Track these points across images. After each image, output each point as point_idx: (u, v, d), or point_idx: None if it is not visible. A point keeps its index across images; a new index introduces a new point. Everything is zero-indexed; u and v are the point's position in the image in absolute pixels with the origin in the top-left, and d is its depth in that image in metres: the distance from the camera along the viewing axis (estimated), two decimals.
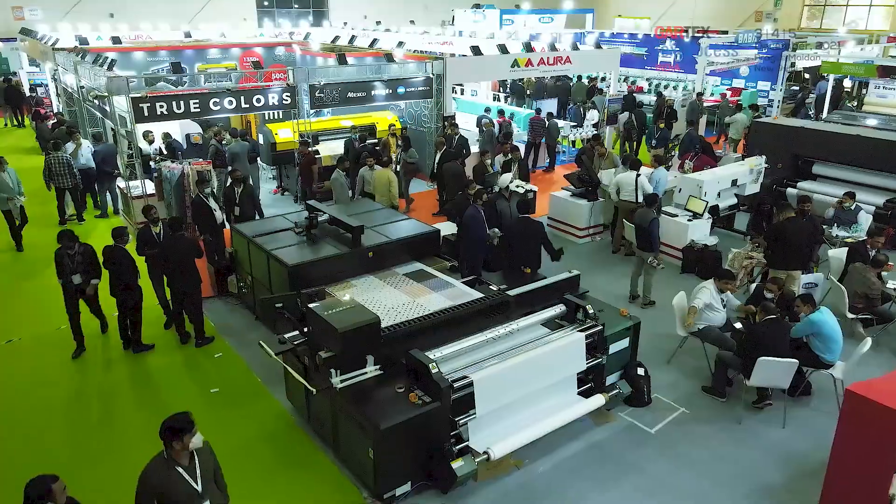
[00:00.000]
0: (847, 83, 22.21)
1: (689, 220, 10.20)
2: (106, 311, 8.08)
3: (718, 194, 10.80)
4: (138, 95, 10.51)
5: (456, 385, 5.46)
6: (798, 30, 32.95)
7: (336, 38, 18.69)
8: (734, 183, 11.10)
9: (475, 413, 5.57)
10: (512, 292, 6.74)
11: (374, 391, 5.52)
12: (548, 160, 16.35)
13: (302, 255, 7.64)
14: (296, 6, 35.31)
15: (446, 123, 13.27)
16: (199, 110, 11.17)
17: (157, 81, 12.49)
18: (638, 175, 10.21)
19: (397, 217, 9.05)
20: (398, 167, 12.30)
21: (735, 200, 11.19)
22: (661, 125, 15.08)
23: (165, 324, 8.37)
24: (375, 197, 10.88)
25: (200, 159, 11.82)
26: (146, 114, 10.65)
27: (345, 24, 30.34)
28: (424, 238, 8.38)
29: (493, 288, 7.46)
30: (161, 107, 10.77)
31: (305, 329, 6.00)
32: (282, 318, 6.17)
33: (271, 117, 13.97)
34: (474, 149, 13.97)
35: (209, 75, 16.37)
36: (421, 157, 13.14)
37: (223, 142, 12.65)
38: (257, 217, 10.03)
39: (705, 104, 19.42)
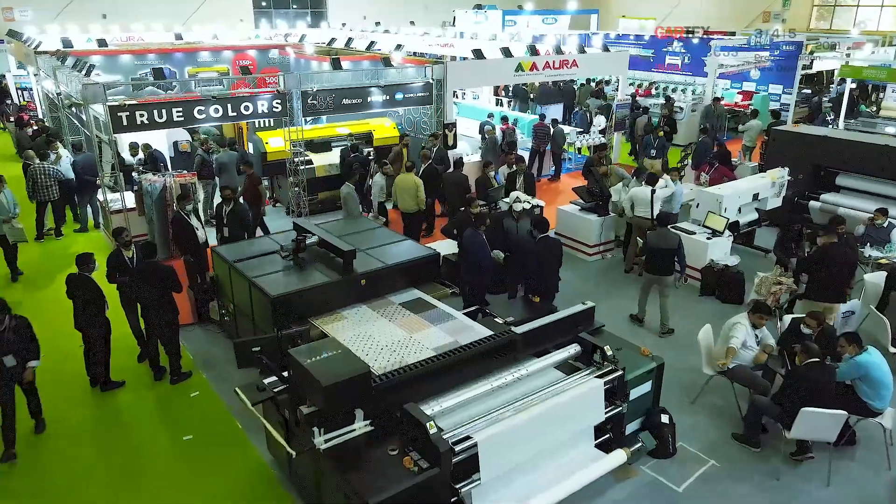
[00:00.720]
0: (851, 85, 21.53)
1: (707, 239, 9.47)
2: (70, 344, 7.35)
3: (739, 209, 10.06)
4: (116, 104, 9.78)
5: (457, 448, 4.72)
6: (807, 31, 32.21)
7: (332, 40, 17.96)
8: (755, 197, 10.36)
9: (479, 479, 4.84)
10: (519, 329, 6.01)
11: (363, 453, 4.79)
12: (553, 168, 15.63)
13: (287, 284, 6.91)
14: (294, 7, 34.60)
15: (428, 135, 12.64)
16: (182, 119, 10.44)
17: (144, 86, 11.81)
18: (653, 190, 9.47)
19: (393, 238, 8.31)
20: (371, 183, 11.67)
21: (756, 215, 10.44)
22: (661, 133, 14.27)
23: (139, 356, 7.64)
24: (398, 203, 10.29)
25: (185, 171, 11.12)
26: (125, 123, 9.93)
27: (343, 25, 29.66)
28: (423, 262, 7.64)
29: (499, 321, 6.75)
30: (141, 116, 10.04)
31: (287, 375, 5.27)
32: (260, 364, 5.44)
33: (262, 125, 13.24)
34: (470, 159, 13.23)
35: (199, 80, 15.74)
36: (418, 168, 12.38)
37: (210, 151, 11.93)
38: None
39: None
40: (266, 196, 11.12)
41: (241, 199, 9.90)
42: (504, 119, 14.82)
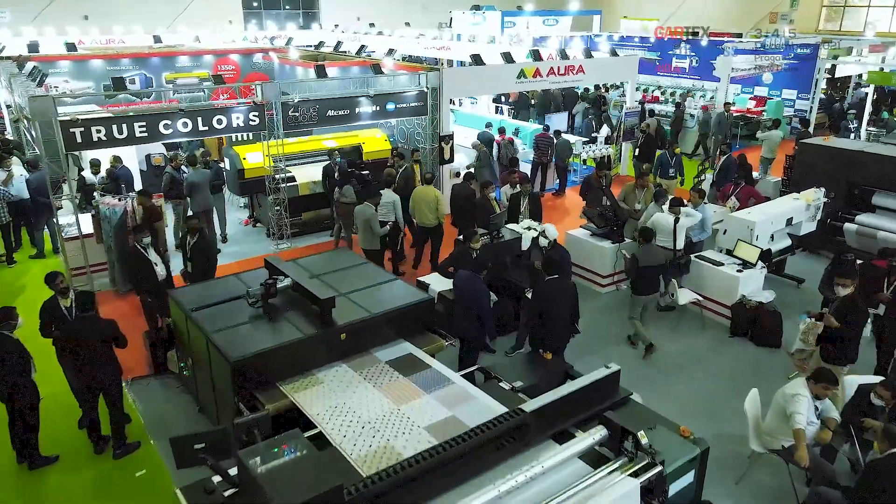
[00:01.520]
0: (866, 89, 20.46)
1: (738, 271, 8.35)
2: None
3: (772, 237, 8.96)
4: (68, 118, 8.63)
5: None
6: (816, 32, 31.18)
7: (320, 43, 16.82)
8: (789, 222, 9.25)
9: None
10: (532, 404, 4.88)
11: None
12: (557, 182, 14.52)
13: (252, 342, 5.77)
14: (287, 7, 33.44)
15: (394, 154, 11.60)
16: (145, 135, 9.30)
17: (110, 96, 10.68)
18: (677, 219, 8.35)
19: (380, 277, 7.16)
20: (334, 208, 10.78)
21: (788, 242, 9.34)
22: (677, 150, 13.04)
23: (80, 420, 6.49)
24: (417, 217, 9.76)
25: (156, 192, 9.98)
26: (79, 140, 8.79)
27: (336, 26, 28.54)
28: (415, 309, 6.51)
29: (505, 386, 5.65)
30: (98, 131, 8.90)
31: (239, 481, 4.15)
32: (205, 464, 4.29)
33: (240, 139, 12.09)
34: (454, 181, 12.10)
35: (178, 87, 14.55)
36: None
37: (180, 168, 10.79)
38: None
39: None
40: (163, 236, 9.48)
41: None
42: (502, 130, 13.67)
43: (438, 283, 8.08)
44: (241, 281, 6.97)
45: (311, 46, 17.05)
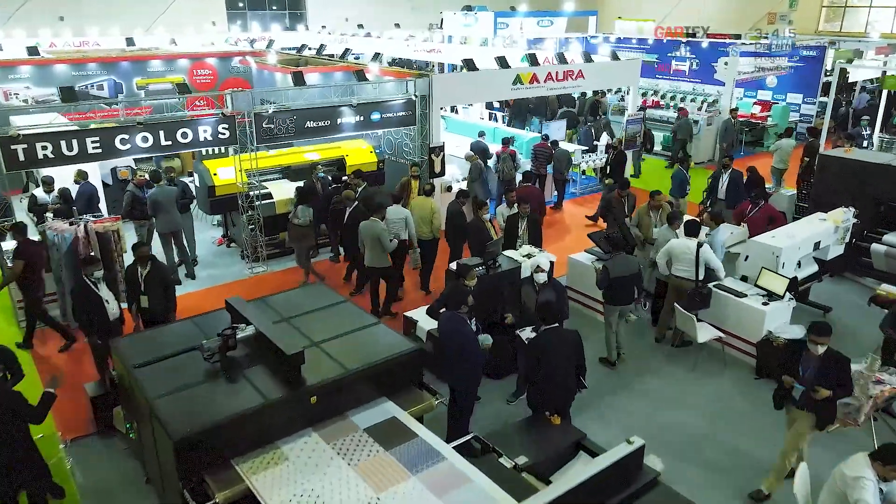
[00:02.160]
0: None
1: (763, 304, 7.45)
2: None
3: (798, 264, 8.07)
4: (7, 135, 7.64)
5: None
6: (815, 33, 30.47)
7: (302, 46, 15.83)
8: (816, 246, 8.37)
9: None
10: (540, 499, 3.96)
11: None
12: (555, 194, 13.60)
13: (203, 411, 4.79)
14: (274, 7, 32.41)
15: (350, 174, 10.37)
16: (99, 151, 8.34)
17: (59, 108, 9.67)
18: (700, 245, 7.44)
19: (360, 320, 6.19)
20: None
21: (815, 267, 8.46)
22: (692, 164, 12.09)
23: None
24: (414, 228, 9.02)
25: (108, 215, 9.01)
26: (22, 158, 7.82)
27: (323, 27, 27.54)
28: (399, 362, 5.56)
29: (505, 463, 4.73)
30: (44, 148, 7.94)
31: None
32: None
33: (213, 153, 11.11)
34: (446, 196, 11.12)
35: (150, 93, 13.62)
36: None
37: (143, 186, 9.80)
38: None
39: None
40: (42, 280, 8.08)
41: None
42: (505, 141, 12.67)
43: (428, 320, 7.15)
44: (197, 326, 6.00)
45: (294, 49, 16.07)
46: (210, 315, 6.24)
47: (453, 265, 8.02)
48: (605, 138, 14.95)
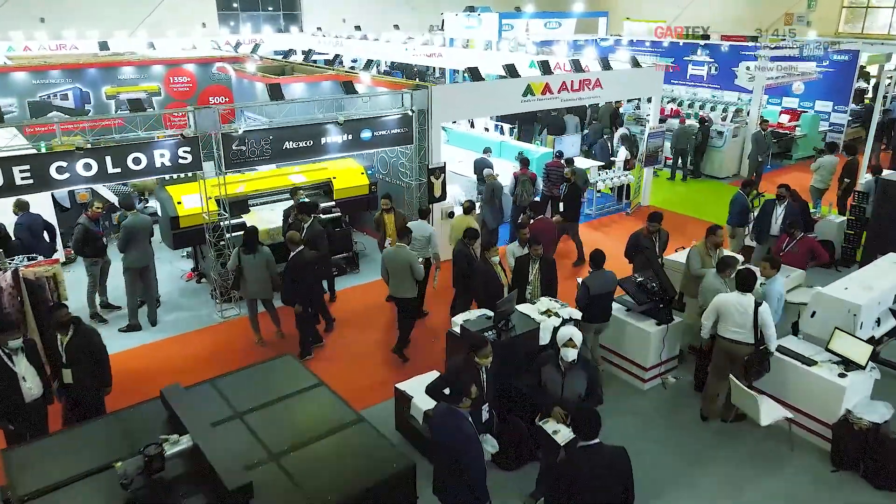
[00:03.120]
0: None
1: (840, 376, 6.02)
2: None
3: (878, 321, 6.65)
4: None
5: None
6: (835, 35, 29.02)
7: (289, 51, 14.39)
8: None
9: None
10: None
11: None
12: None
13: None
14: (270, 9, 31.01)
15: (294, 208, 8.65)
16: (30, 182, 6.93)
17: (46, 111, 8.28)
18: (759, 303, 6.01)
19: (336, 415, 4.76)
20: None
21: (894, 321, 7.02)
22: (753, 197, 9.96)
23: None
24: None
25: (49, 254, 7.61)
26: None
27: (318, 29, 26.17)
28: (385, 488, 4.14)
29: None
30: None
31: None
32: None
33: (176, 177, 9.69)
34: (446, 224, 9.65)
35: (120, 103, 12.20)
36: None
37: (99, 219, 8.41)
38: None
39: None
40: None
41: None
42: (524, 161, 11.09)
43: (427, 398, 5.73)
44: (123, 425, 4.59)
45: (283, 54, 14.65)
46: (143, 407, 4.82)
47: (457, 319, 6.66)
48: (622, 153, 13.53)
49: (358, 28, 25.73)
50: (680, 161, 15.48)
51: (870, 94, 19.74)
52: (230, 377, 5.23)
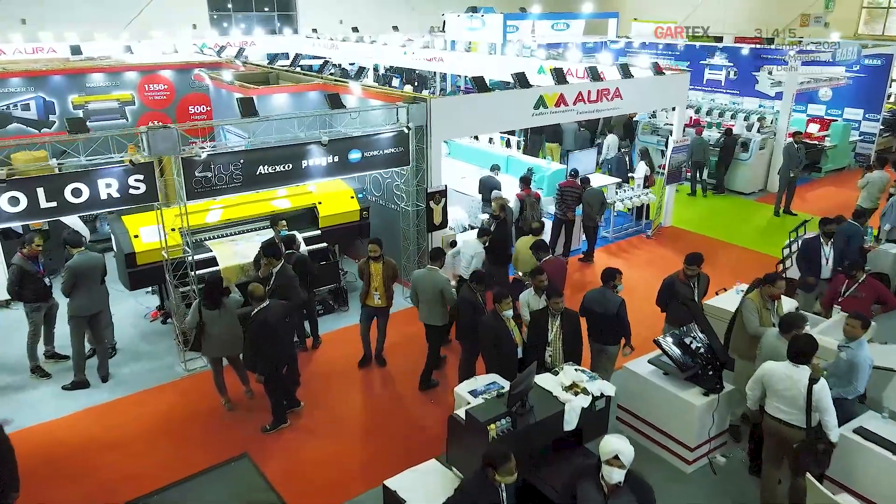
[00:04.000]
0: None
1: None
2: None
3: None
4: None
5: None
6: (855, 36, 27.74)
7: (275, 56, 13.15)
8: None
9: None
10: None
11: None
12: (584, 241, 10.93)
13: None
14: (266, 9, 29.79)
15: (262, 252, 7.17)
16: None
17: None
18: (816, 380, 4.74)
19: None
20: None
21: None
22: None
23: None
24: (520, 266, 7.95)
25: None
26: None
27: (313, 30, 24.96)
28: None
29: None
30: None
31: None
32: None
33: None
34: (466, 239, 8.31)
35: (89, 112, 11.01)
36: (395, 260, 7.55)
37: (37, 258, 7.15)
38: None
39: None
40: None
41: None
42: (527, 180, 9.91)
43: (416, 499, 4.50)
44: None
45: (264, 61, 13.39)
46: None
47: (460, 390, 5.44)
48: (641, 168, 12.27)
49: (355, 30, 24.50)
50: (697, 174, 14.24)
51: (892, 100, 18.53)
52: (174, 490, 3.99)
